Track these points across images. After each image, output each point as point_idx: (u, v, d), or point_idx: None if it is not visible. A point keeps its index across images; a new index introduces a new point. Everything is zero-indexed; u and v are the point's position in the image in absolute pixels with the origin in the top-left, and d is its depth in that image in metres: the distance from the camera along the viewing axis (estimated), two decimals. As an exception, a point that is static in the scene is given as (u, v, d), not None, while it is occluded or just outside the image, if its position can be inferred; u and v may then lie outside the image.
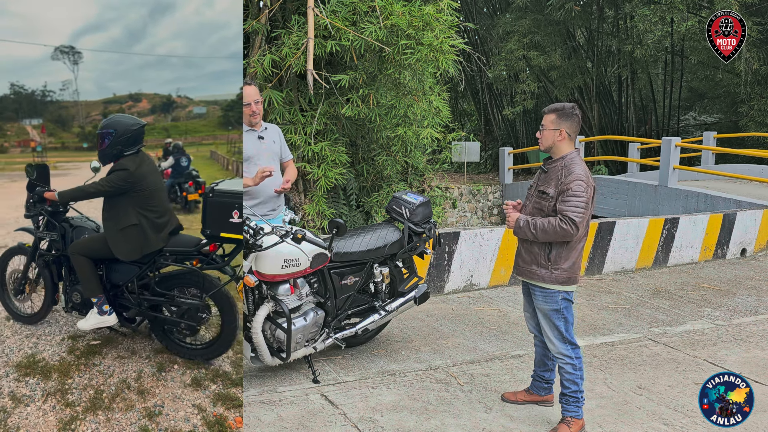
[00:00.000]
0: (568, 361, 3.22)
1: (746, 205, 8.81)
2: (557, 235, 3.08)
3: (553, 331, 3.25)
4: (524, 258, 3.29)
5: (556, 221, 3.07)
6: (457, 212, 14.27)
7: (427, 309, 5.31)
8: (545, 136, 3.21)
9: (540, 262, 3.20)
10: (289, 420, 3.31)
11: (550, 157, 3.28)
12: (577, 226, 3.05)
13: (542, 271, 3.20)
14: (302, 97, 6.35)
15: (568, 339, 3.23)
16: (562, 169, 3.15)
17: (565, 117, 3.18)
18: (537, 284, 3.25)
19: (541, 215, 3.19)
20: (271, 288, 3.62)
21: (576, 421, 3.24)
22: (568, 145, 3.21)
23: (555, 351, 3.26)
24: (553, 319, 3.23)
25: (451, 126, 8.86)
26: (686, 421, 3.45)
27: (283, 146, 4.24)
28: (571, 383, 3.23)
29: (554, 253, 3.17)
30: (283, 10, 6.42)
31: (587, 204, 3.07)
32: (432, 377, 3.94)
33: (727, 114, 17.31)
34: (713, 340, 4.82)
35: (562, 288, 3.20)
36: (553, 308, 3.22)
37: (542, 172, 3.28)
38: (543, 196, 3.19)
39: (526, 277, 3.30)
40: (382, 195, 6.77)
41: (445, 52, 5.76)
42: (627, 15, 15.00)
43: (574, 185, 3.07)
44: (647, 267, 7.14)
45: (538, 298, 3.27)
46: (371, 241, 4.07)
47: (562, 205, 3.08)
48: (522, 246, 3.32)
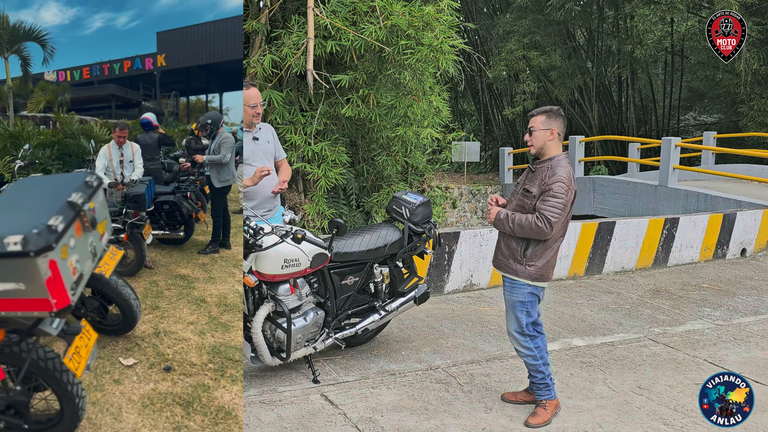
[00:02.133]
0: (529, 353, 3.37)
1: (746, 205, 8.82)
2: (532, 232, 3.19)
3: (513, 324, 3.38)
4: (503, 252, 3.40)
5: (533, 219, 3.17)
6: (457, 212, 14.27)
7: (427, 309, 5.31)
8: (536, 138, 3.27)
9: (516, 257, 3.31)
10: (289, 420, 3.31)
11: (538, 157, 3.34)
12: (552, 226, 3.15)
13: (517, 266, 3.31)
14: (302, 97, 6.35)
15: (527, 333, 3.36)
16: (547, 170, 3.23)
17: (554, 117, 3.26)
18: (509, 276, 3.37)
19: (522, 212, 3.28)
20: (271, 288, 3.62)
21: (550, 402, 3.41)
22: (557, 146, 3.28)
23: (516, 345, 3.41)
24: (516, 311, 3.35)
25: (451, 126, 8.87)
26: (686, 421, 3.45)
27: (277, 146, 4.26)
28: (536, 372, 3.39)
29: (530, 251, 3.27)
30: (283, 10, 6.42)
31: (565, 206, 3.17)
32: (432, 377, 3.94)
33: (727, 114, 17.30)
34: (713, 340, 4.82)
35: (532, 283, 3.31)
36: (519, 300, 3.34)
37: (530, 172, 3.35)
38: (526, 195, 3.28)
39: (502, 270, 3.42)
40: (382, 195, 6.77)
41: (445, 52, 5.76)
42: (627, 15, 14.99)
43: (555, 186, 3.16)
44: (647, 267, 7.14)
45: (506, 288, 3.41)
46: (371, 241, 4.07)
47: (540, 204, 3.18)
48: (502, 240, 3.43)
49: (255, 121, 4.01)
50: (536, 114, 3.30)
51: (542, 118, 3.26)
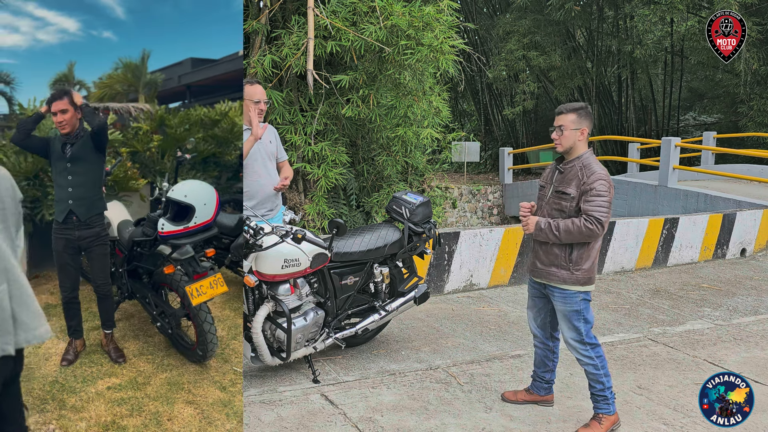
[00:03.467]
0: (589, 362, 3.22)
1: (746, 205, 8.82)
2: (582, 235, 3.05)
3: (572, 333, 3.23)
4: (542, 260, 3.24)
5: (581, 222, 3.04)
6: (457, 212, 14.28)
7: (427, 309, 5.32)
8: (566, 137, 3.13)
9: (560, 263, 3.16)
10: (289, 420, 3.32)
11: (562, 157, 3.23)
12: (603, 226, 3.03)
13: (562, 273, 3.16)
14: (302, 97, 6.35)
15: (587, 341, 3.21)
16: (581, 169, 3.11)
17: (585, 115, 3.13)
18: (557, 286, 3.21)
19: (562, 216, 3.15)
20: (271, 288, 3.62)
21: (607, 417, 3.25)
22: (584, 145, 3.17)
23: (576, 354, 3.27)
24: (573, 321, 3.21)
25: (451, 126, 8.86)
26: (686, 421, 3.45)
27: (279, 147, 4.25)
28: (596, 383, 3.24)
29: (575, 254, 3.14)
30: (283, 10, 6.42)
31: (610, 203, 3.06)
32: (432, 377, 3.94)
33: (727, 114, 17.30)
34: (713, 340, 4.82)
35: (583, 288, 3.17)
36: (573, 309, 3.19)
37: (558, 173, 3.22)
38: (563, 197, 3.14)
39: (545, 279, 3.25)
40: (383, 195, 6.77)
41: (445, 52, 5.76)
42: (627, 15, 15.00)
43: (597, 185, 3.05)
44: (647, 267, 7.14)
45: (557, 299, 3.23)
46: (371, 241, 4.07)
47: (586, 205, 3.05)
48: (540, 248, 3.26)
49: (258, 118, 3.99)
50: (566, 111, 3.14)
51: (573, 117, 3.12)
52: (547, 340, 3.48)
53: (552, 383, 3.57)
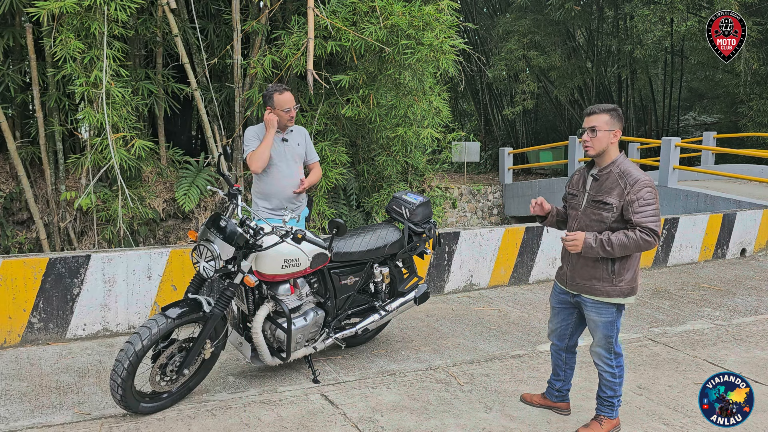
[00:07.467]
0: (609, 369, 3.18)
1: (746, 205, 8.82)
2: (639, 248, 2.92)
3: (601, 341, 3.17)
4: (581, 273, 3.11)
5: (638, 235, 2.90)
6: (457, 212, 14.27)
7: (427, 309, 5.32)
8: (599, 140, 2.97)
9: (602, 276, 3.04)
10: (289, 420, 3.32)
11: (592, 161, 3.10)
12: (659, 235, 2.93)
13: (604, 285, 3.05)
14: (302, 97, 6.35)
15: (614, 350, 3.17)
16: (620, 177, 2.97)
17: (617, 117, 2.97)
18: (598, 299, 3.09)
19: (601, 227, 3.01)
20: (271, 288, 3.62)
21: (608, 420, 3.24)
22: (616, 149, 3.02)
23: (597, 360, 3.22)
24: (606, 331, 3.13)
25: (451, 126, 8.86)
26: (686, 421, 3.45)
27: (308, 148, 4.34)
28: (608, 389, 3.21)
29: (617, 265, 3.02)
30: (283, 10, 6.43)
31: (658, 209, 2.96)
32: (432, 377, 3.94)
33: (727, 114, 17.30)
34: (713, 340, 4.82)
35: (625, 300, 3.08)
36: (608, 320, 3.12)
37: (593, 180, 3.06)
38: (603, 207, 2.99)
39: (585, 292, 3.13)
40: (383, 195, 6.77)
41: (445, 52, 5.76)
42: (627, 15, 15.00)
43: (644, 193, 2.92)
44: (647, 267, 7.14)
45: (590, 310, 3.13)
46: (371, 241, 4.07)
47: (637, 217, 2.91)
48: (578, 261, 3.12)
49: (289, 124, 4.12)
50: (599, 112, 2.97)
51: (606, 118, 2.95)
52: (561, 351, 3.42)
53: (564, 392, 3.49)
